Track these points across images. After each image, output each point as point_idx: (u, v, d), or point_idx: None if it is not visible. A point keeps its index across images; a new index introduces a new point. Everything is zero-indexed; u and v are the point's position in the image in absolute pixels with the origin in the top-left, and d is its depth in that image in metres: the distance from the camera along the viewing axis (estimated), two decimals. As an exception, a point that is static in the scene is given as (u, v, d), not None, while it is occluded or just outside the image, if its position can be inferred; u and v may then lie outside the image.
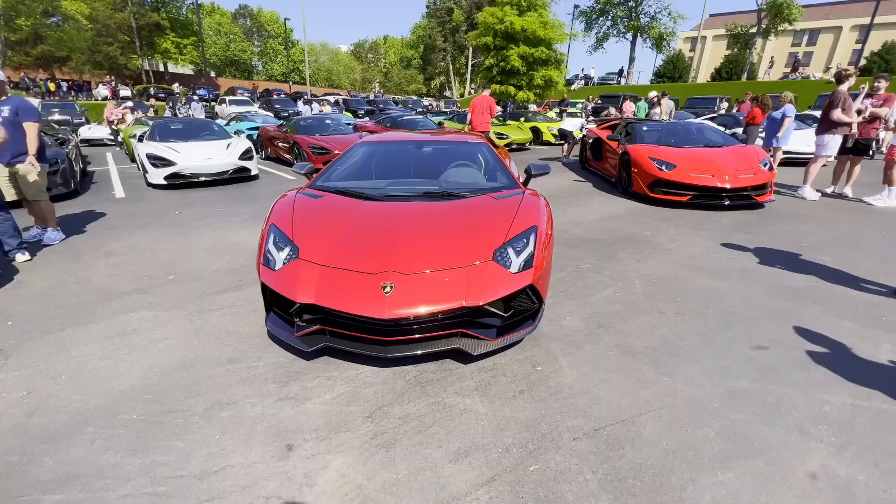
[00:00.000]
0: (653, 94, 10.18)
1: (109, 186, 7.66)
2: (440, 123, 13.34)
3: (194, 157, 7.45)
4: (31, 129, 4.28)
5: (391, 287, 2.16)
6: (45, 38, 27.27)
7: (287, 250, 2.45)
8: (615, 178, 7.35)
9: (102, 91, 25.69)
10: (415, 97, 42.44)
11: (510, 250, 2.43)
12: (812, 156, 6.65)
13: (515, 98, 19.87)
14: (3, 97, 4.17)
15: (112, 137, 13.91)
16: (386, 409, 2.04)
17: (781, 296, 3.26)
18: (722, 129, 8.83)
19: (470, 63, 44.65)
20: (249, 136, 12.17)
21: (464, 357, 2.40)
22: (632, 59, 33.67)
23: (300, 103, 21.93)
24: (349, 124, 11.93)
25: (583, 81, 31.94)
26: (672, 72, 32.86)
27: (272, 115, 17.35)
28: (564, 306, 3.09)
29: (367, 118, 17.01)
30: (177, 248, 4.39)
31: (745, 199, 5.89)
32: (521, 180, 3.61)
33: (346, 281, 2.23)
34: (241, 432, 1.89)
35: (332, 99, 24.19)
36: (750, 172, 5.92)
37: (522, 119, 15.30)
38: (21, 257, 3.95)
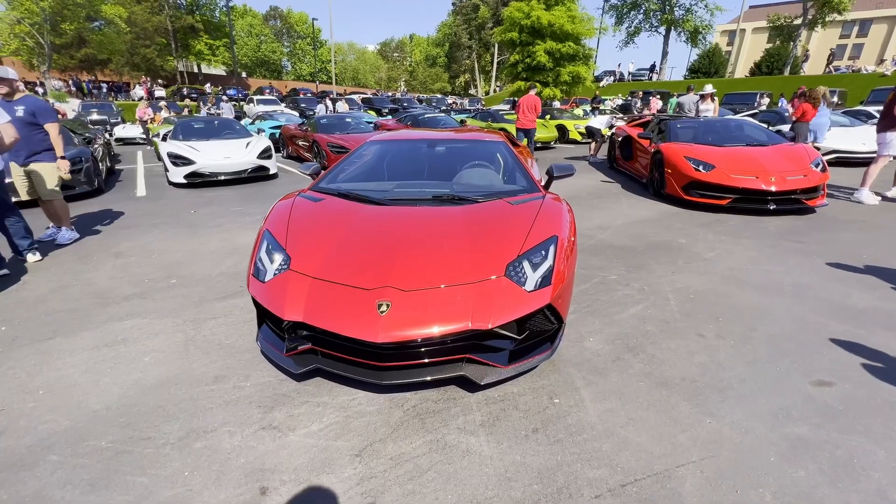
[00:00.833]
0: (709, 87, 9.48)
1: (133, 185, 7.75)
2: (463, 121, 13.04)
3: (213, 155, 7.43)
4: (52, 130, 4.26)
5: (388, 305, 1.90)
6: (87, 41, 28.51)
7: (279, 260, 2.24)
8: (646, 178, 6.88)
9: (139, 92, 26.64)
10: (439, 95, 42.26)
11: (526, 264, 2.14)
12: (870, 155, 6.00)
13: (541, 95, 19.30)
14: (17, 96, 4.16)
15: (144, 136, 14.31)
16: (377, 446, 1.79)
17: (843, 318, 2.83)
18: (765, 125, 8.17)
19: (495, 60, 44.06)
20: (272, 136, 12.25)
21: (470, 384, 2.13)
22: (664, 55, 32.39)
23: (340, 103, 22.24)
24: (370, 122, 11.80)
25: (612, 78, 30.92)
26: (707, 67, 31.34)
27: (298, 114, 17.55)
28: (587, 324, 2.76)
29: (389, 116, 16.90)
30: (185, 249, 4.29)
31: (793, 202, 5.34)
32: (543, 183, 3.30)
33: (338, 297, 1.99)
34: (213, 468, 1.68)
35: (333, 95, 24.13)
36: (799, 173, 5.36)
37: (548, 117, 14.82)
38: (32, 258, 3.93)
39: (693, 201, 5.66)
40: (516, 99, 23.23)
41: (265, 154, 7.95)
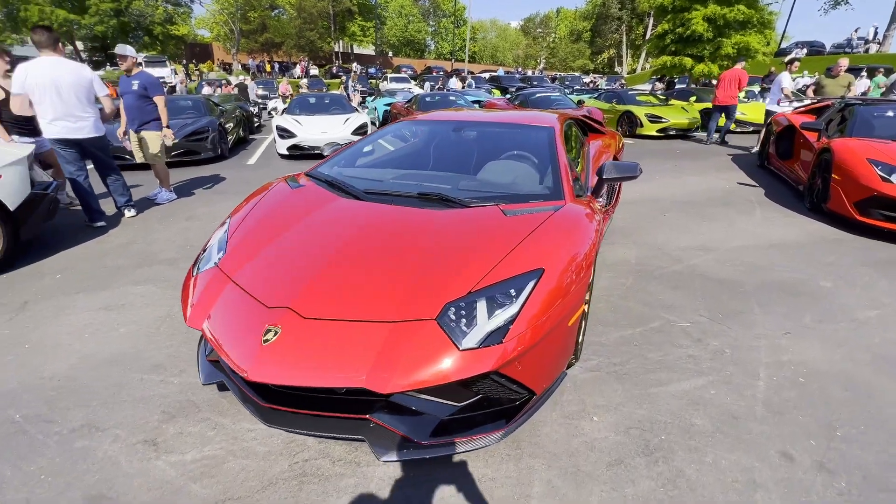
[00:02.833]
0: None
1: (252, 154, 8.68)
2: (580, 102, 11.59)
3: (312, 130, 7.84)
4: (159, 102, 4.81)
5: (275, 333, 1.49)
6: (268, 27, 33.47)
7: (220, 253, 1.99)
8: (804, 185, 5.06)
9: (297, 71, 30.39)
10: (576, 73, 39.13)
11: (481, 306, 1.50)
12: None
13: (692, 72, 16.11)
14: (135, 72, 4.76)
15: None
16: (229, 507, 1.43)
17: None
18: None
19: (649, 32, 38.64)
20: (386, 112, 12.63)
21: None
22: (894, 18, 24.22)
23: (452, 79, 22.81)
24: (477, 101, 11.28)
25: (804, 50, 24.47)
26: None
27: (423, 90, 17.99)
28: (604, 392, 1.96)
29: (506, 95, 16.07)
30: (243, 219, 4.49)
31: None
32: (594, 186, 2.48)
33: (238, 309, 1.65)
34: (66, 479, 1.52)
35: (464, 73, 24.03)
36: None
37: (693, 98, 12.32)
38: (128, 213, 4.52)
39: (870, 225, 3.91)
40: (655, 79, 19.88)
41: (360, 130, 8.11)
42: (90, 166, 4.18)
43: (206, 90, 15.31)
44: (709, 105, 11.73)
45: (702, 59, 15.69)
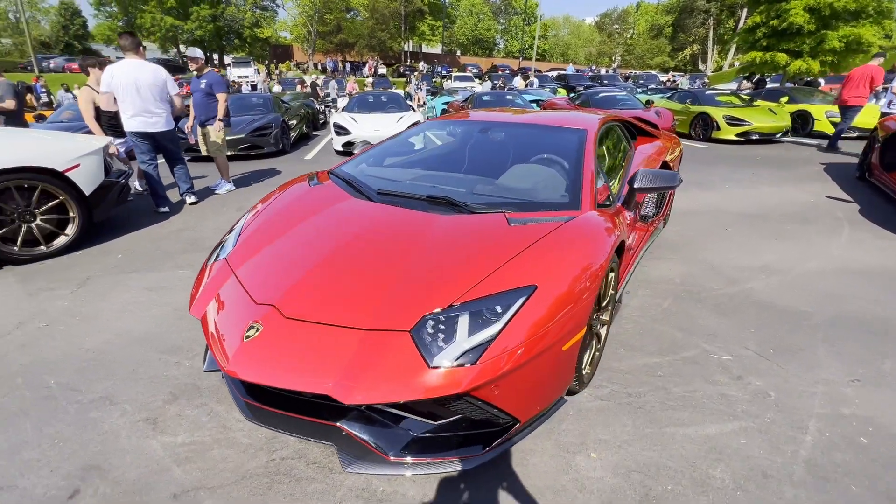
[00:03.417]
0: None
1: (312, 150, 9.12)
2: (648, 102, 10.79)
3: (366, 127, 8.06)
4: (221, 99, 5.21)
5: (256, 330, 1.50)
6: (343, 28, 35.14)
7: (233, 246, 2.07)
8: (911, 203, 4.28)
9: (365, 70, 31.59)
10: (652, 72, 36.67)
11: (462, 321, 1.40)
12: None
13: (786, 70, 14.34)
14: (204, 72, 5.17)
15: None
16: (202, 495, 1.46)
17: None
18: None
19: (742, 24, 35.10)
20: (444, 110, 12.69)
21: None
22: None
23: (517, 78, 22.78)
24: (536, 101, 10.94)
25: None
26: None
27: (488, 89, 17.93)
28: (610, 426, 1.76)
29: (571, 95, 15.44)
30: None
31: None
32: (625, 196, 2.26)
33: (232, 301, 1.69)
34: (72, 446, 1.65)
35: (531, 72, 23.63)
36: None
37: (784, 99, 10.99)
38: (189, 200, 4.93)
39: None
40: (742, 77, 17.84)
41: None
42: (161, 160, 4.61)
43: (277, 88, 16.40)
44: (803, 107, 10.48)
45: (800, 55, 13.92)
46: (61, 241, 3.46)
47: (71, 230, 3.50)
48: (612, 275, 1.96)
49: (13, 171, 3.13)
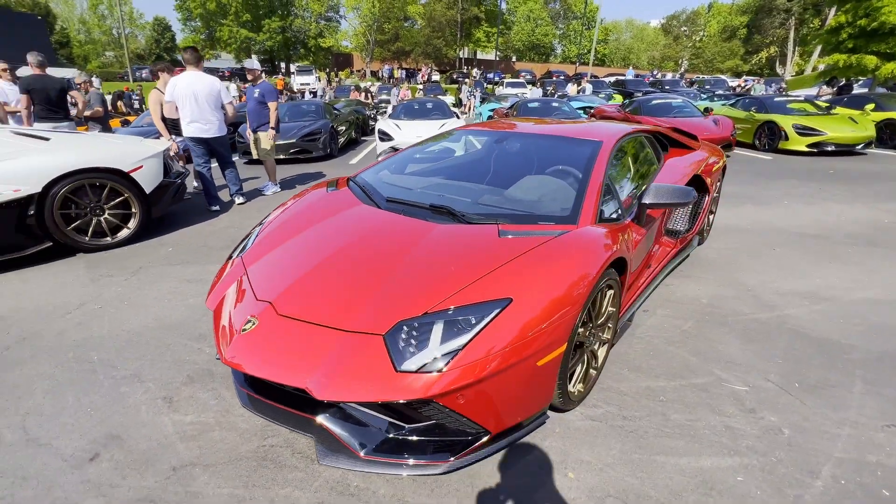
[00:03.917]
0: None
1: (358, 154, 9.51)
2: (707, 110, 10.12)
3: (408, 134, 8.25)
4: (272, 107, 5.60)
5: (252, 324, 1.63)
6: (400, 37, 36.29)
7: (250, 245, 2.24)
8: None
9: (419, 77, 32.34)
10: (721, 76, 34.32)
11: (437, 329, 1.45)
12: None
13: (876, 73, 12.85)
14: (258, 82, 5.59)
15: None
16: (196, 472, 1.61)
17: None
18: None
19: (828, 22, 31.92)
20: (490, 117, 12.72)
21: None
22: None
23: (569, 85, 22.52)
24: (583, 109, 10.67)
25: None
26: None
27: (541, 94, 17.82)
28: (596, 445, 1.71)
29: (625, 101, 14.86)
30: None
31: None
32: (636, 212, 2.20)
33: (238, 296, 1.84)
34: (101, 413, 1.88)
35: (587, 78, 23.06)
36: None
37: (870, 107, 9.91)
38: (238, 200, 5.34)
39: None
40: (823, 82, 16.11)
41: (454, 135, 8.31)
42: (214, 164, 5.05)
43: (329, 95, 17.25)
44: (892, 115, 9.41)
45: (892, 57, 12.45)
46: (124, 233, 3.90)
47: (133, 224, 3.93)
48: (610, 292, 1.90)
49: (87, 171, 3.58)
